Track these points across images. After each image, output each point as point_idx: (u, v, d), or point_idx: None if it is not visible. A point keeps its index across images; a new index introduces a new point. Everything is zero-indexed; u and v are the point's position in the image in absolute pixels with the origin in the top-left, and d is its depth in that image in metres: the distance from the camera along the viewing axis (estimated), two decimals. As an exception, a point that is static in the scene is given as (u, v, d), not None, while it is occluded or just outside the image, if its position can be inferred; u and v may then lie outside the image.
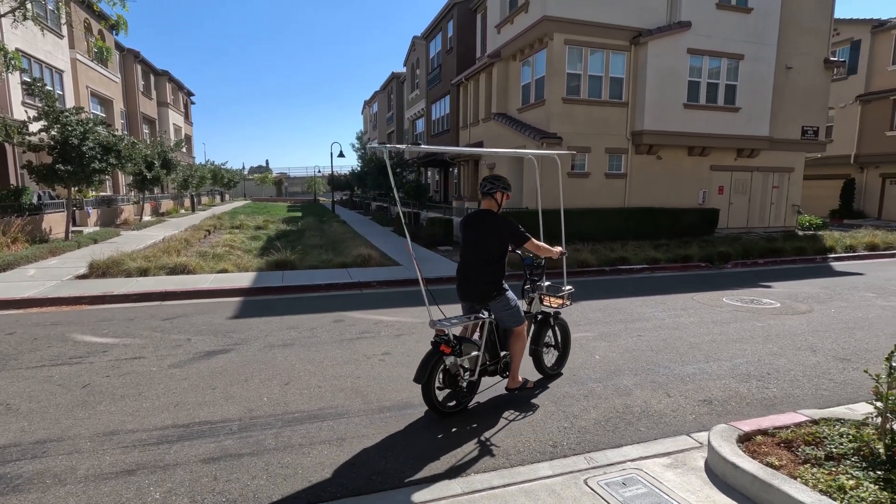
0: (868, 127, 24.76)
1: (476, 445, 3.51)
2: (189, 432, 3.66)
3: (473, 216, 4.10)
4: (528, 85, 16.92)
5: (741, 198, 18.44)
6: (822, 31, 18.20)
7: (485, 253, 3.99)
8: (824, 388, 4.57)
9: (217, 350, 5.57)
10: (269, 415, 3.96)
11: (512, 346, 4.17)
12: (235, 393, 4.38)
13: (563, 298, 4.64)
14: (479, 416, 3.98)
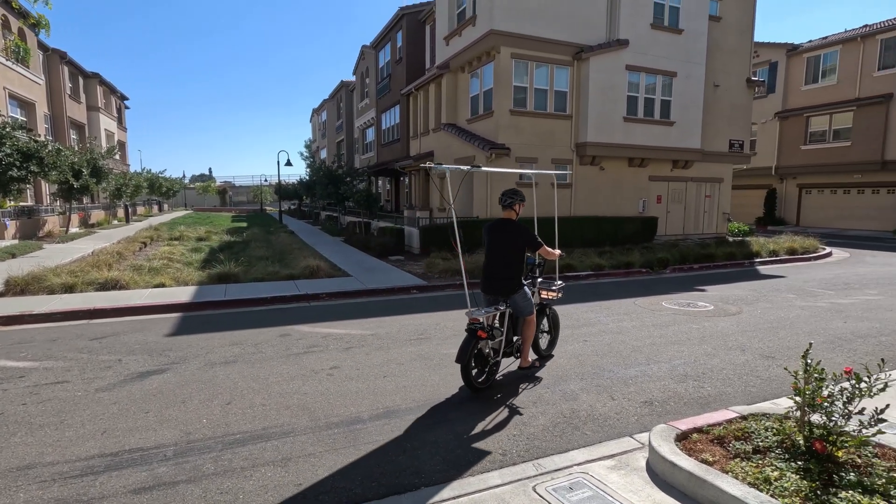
0: (786, 141, 26.97)
1: (428, 458, 3.48)
2: (118, 461, 3.40)
3: (498, 223, 4.91)
4: (476, 96, 17.23)
5: (677, 206, 19.53)
6: (743, 52, 19.73)
7: (508, 254, 4.80)
8: (752, 385, 4.88)
9: (152, 370, 5.23)
10: (208, 437, 3.75)
11: (524, 331, 5.03)
12: (171, 416, 4.13)
13: (556, 291, 5.57)
14: (431, 429, 3.96)
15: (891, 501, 2.51)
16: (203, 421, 4.04)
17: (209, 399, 4.48)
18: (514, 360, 5.29)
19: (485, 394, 4.64)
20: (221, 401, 4.44)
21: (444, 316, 7.80)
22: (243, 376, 5.07)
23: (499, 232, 4.84)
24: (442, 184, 19.50)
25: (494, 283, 4.88)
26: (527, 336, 5.03)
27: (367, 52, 28.53)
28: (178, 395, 4.56)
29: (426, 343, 6.27)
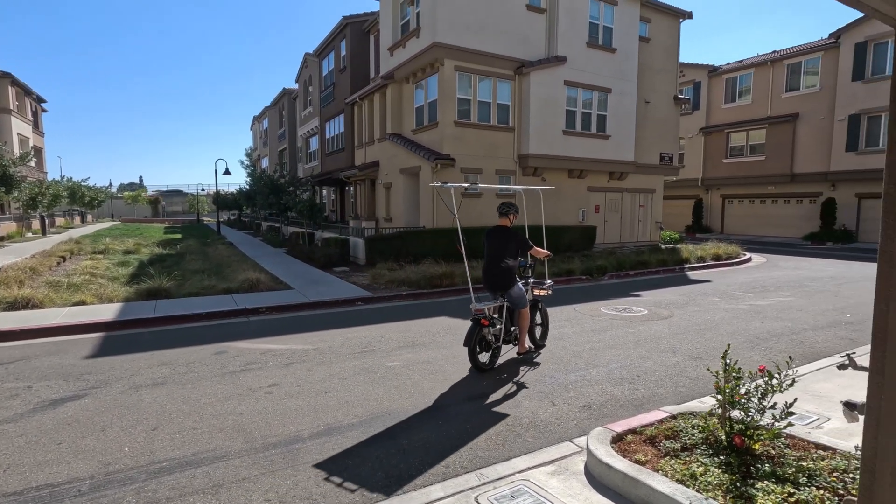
0: (710, 154, 29.06)
1: (370, 474, 3.40)
2: (23, 500, 3.08)
3: (495, 229, 5.87)
4: (421, 107, 17.33)
5: (614, 216, 20.48)
6: (670, 72, 21.13)
7: (504, 254, 5.69)
8: (682, 385, 5.16)
9: (67, 397, 4.80)
10: (130, 467, 3.48)
11: (520, 322, 5.88)
12: (88, 446, 3.79)
13: (547, 289, 6.44)
14: (373, 443, 3.87)
15: (799, 488, 2.71)
16: (125, 449, 3.74)
17: (132, 425, 4.16)
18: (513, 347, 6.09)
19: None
20: (146, 426, 4.14)
21: (389, 328, 7.71)
22: (172, 398, 4.76)
23: (496, 236, 5.81)
24: (388, 194, 19.40)
25: (493, 279, 5.77)
26: (522, 326, 5.90)
27: (311, 59, 28.05)
28: (97, 423, 4.20)
29: (370, 356, 6.16)
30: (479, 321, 5.39)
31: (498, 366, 5.78)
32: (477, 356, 5.47)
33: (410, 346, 6.59)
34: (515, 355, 6.09)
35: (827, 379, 5.15)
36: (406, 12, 17.70)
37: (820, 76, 24.27)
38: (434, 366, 5.77)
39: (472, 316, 5.47)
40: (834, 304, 9.40)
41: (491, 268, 5.78)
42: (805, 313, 8.64)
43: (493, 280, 5.79)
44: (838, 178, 23.51)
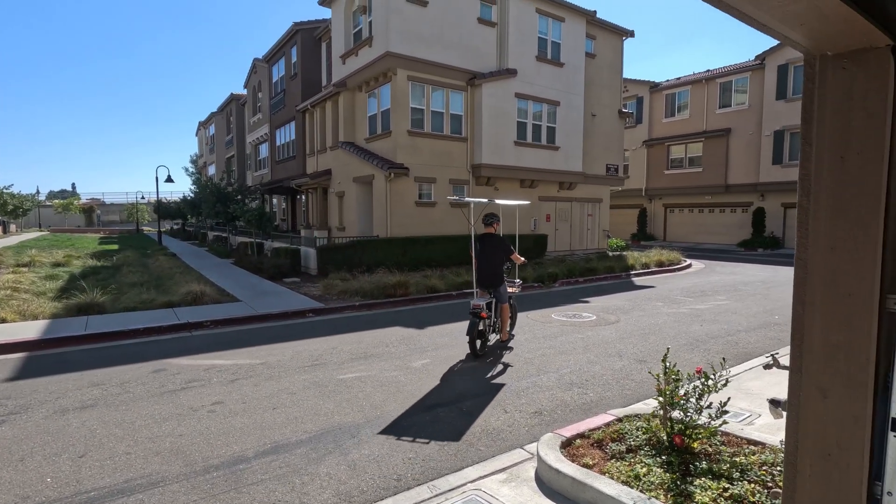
0: (652, 166, 30.55)
1: (318, 493, 3.29)
2: (-77, 543, 2.77)
3: (485, 236, 6.85)
4: (374, 116, 17.25)
5: (564, 224, 21.10)
6: (615, 87, 22.12)
7: (493, 259, 6.74)
8: (628, 388, 5.34)
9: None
10: (52, 500, 3.21)
11: (503, 314, 6.91)
12: (3, 479, 3.46)
13: (516, 287, 7.57)
14: (322, 460, 3.76)
15: (733, 483, 2.86)
16: (47, 480, 3.45)
17: (57, 453, 3.84)
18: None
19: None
20: (73, 453, 3.83)
21: (341, 339, 7.56)
22: (103, 422, 4.44)
23: (488, 243, 6.80)
24: (340, 203, 19.12)
25: (486, 279, 6.77)
26: (504, 318, 6.95)
27: (260, 65, 27.34)
28: (15, 453, 3.85)
29: (321, 369, 6.01)
30: (478, 315, 6.32)
31: (451, 376, 5.77)
32: (476, 345, 6.40)
33: (363, 358, 6.48)
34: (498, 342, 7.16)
35: (758, 377, 5.49)
36: (358, 21, 17.63)
37: (748, 94, 26.12)
38: (387, 377, 5.69)
39: (470, 311, 6.34)
40: (764, 307, 10.06)
41: (484, 269, 6.79)
42: (739, 316, 9.19)
43: (485, 279, 6.82)
44: (767, 189, 25.31)
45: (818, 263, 1.89)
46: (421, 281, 12.01)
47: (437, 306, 10.49)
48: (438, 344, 7.21)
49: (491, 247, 6.77)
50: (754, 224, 25.83)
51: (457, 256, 16.14)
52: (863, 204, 1.76)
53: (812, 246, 1.90)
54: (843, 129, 1.80)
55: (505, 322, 6.97)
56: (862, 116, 1.76)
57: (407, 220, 16.18)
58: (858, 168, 1.77)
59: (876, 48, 1.71)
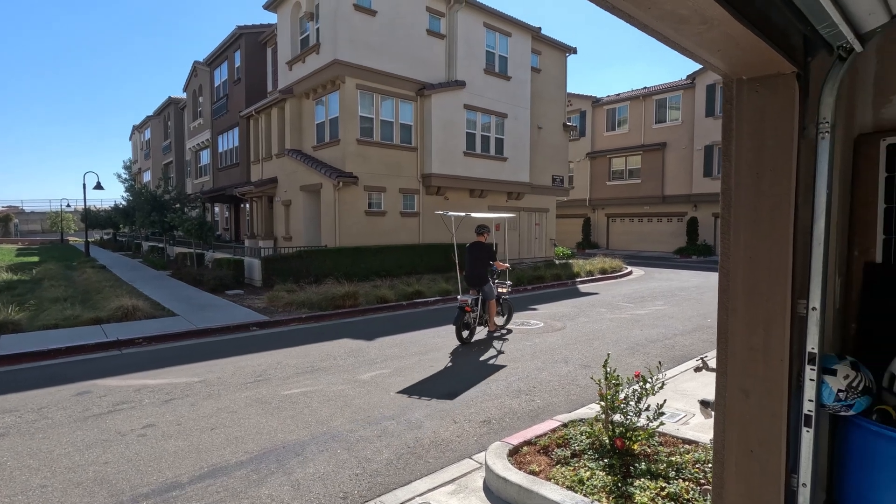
0: (595, 177, 31.86)
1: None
2: None
3: (474, 244, 8.19)
4: (322, 124, 16.97)
5: (513, 233, 21.53)
6: (559, 101, 22.95)
7: (481, 263, 8.05)
8: (573, 394, 5.49)
9: None
10: (-48, 543, 2.87)
11: (489, 310, 8.18)
12: None
13: (507, 288, 8.87)
14: (264, 481, 3.60)
15: (669, 482, 2.99)
16: (-54, 522, 3.09)
17: (-41, 490, 3.46)
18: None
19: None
20: (-21, 490, 3.46)
21: (287, 353, 7.30)
22: (16, 453, 4.04)
23: (476, 249, 8.15)
24: (287, 212, 18.59)
25: (473, 279, 8.04)
26: (490, 312, 8.23)
27: (201, 68, 26.26)
28: None
29: (265, 385, 5.77)
30: (463, 308, 7.56)
31: (401, 388, 5.71)
32: (462, 333, 7.64)
33: (309, 372, 6.29)
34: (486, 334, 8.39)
35: (693, 378, 5.79)
36: (305, 27, 17.34)
37: (681, 111, 27.86)
38: (334, 391, 5.55)
39: (458, 305, 7.69)
40: (698, 311, 10.68)
41: (472, 270, 8.08)
42: (675, 320, 9.69)
43: (472, 280, 8.05)
44: (699, 200, 27.00)
45: (739, 272, 2.02)
46: (371, 291, 11.85)
47: (388, 317, 10.38)
48: (388, 355, 7.12)
49: (479, 253, 8.11)
50: (688, 233, 27.44)
51: (407, 266, 16.07)
52: (776, 218, 1.90)
53: (733, 256, 2.04)
54: (759, 148, 1.95)
55: (491, 315, 8.25)
56: (774, 136, 1.91)
57: (356, 229, 15.96)
58: (772, 184, 1.91)
59: (783, 74, 1.87)
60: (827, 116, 1.85)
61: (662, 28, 1.52)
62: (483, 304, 8.12)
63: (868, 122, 2.19)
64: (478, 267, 8.03)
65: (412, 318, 10.22)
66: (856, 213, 2.19)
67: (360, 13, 15.63)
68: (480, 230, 8.35)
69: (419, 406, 5.10)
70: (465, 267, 8.17)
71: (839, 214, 2.16)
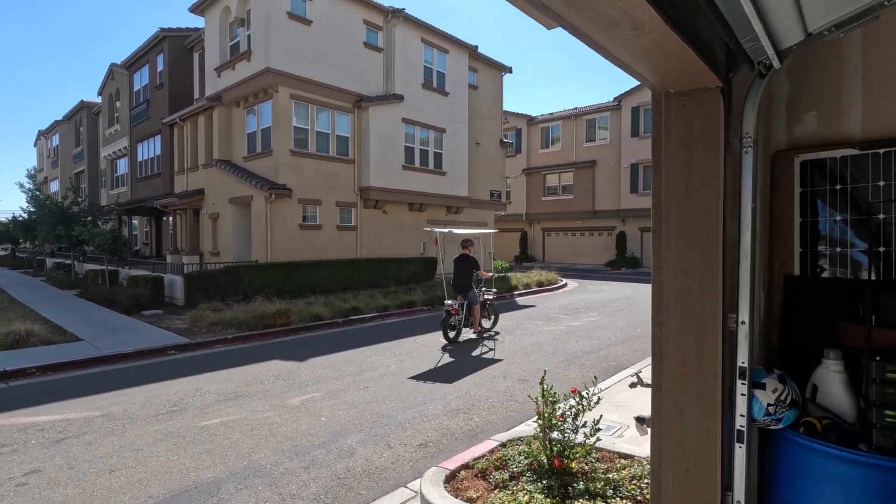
0: (531, 193, 32.83)
1: (159, 575, 2.73)
2: None
3: (461, 257, 9.19)
4: (254, 134, 16.23)
5: (452, 247, 21.56)
6: (496, 118, 23.49)
7: (466, 272, 9.03)
8: (512, 410, 5.41)
9: None
10: None
11: (474, 313, 9.13)
12: None
13: (491, 295, 9.90)
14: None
15: (608, 501, 2.93)
16: None
17: None
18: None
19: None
20: None
21: (208, 378, 6.71)
22: None
23: (462, 261, 9.18)
24: (214, 226, 17.52)
25: (459, 287, 9.08)
26: (475, 316, 9.22)
27: (119, 71, 24.44)
28: None
29: (179, 416, 5.22)
30: (448, 312, 8.64)
31: (334, 412, 5.38)
32: (448, 333, 8.72)
33: (232, 399, 5.78)
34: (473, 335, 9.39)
35: (626, 390, 5.90)
36: (236, 33, 16.62)
37: (609, 131, 29.46)
38: (259, 419, 5.12)
39: (444, 309, 8.74)
40: (629, 321, 11.09)
41: (458, 279, 9.14)
42: (608, 331, 9.99)
43: (458, 287, 9.12)
44: (627, 215, 28.51)
45: (671, 286, 1.99)
46: (304, 309, 11.31)
47: (322, 335, 9.91)
48: (321, 377, 6.73)
49: (465, 264, 9.18)
50: (618, 246, 28.84)
51: (344, 281, 15.58)
52: (706, 231, 1.89)
53: (665, 269, 2.01)
54: (687, 161, 1.94)
55: (476, 318, 9.25)
56: (701, 150, 1.90)
57: (290, 243, 15.30)
58: (701, 197, 1.90)
59: (709, 89, 1.87)
60: (749, 131, 1.87)
61: (594, 32, 1.44)
62: (468, 308, 9.17)
63: (783, 139, 2.27)
64: (463, 276, 9.07)
65: (348, 336, 9.83)
66: (775, 226, 2.25)
67: (294, 21, 15.20)
68: (465, 244, 9.43)
69: (351, 431, 4.80)
70: (453, 276, 9.26)
71: (762, 228, 2.21)
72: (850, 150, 2.09)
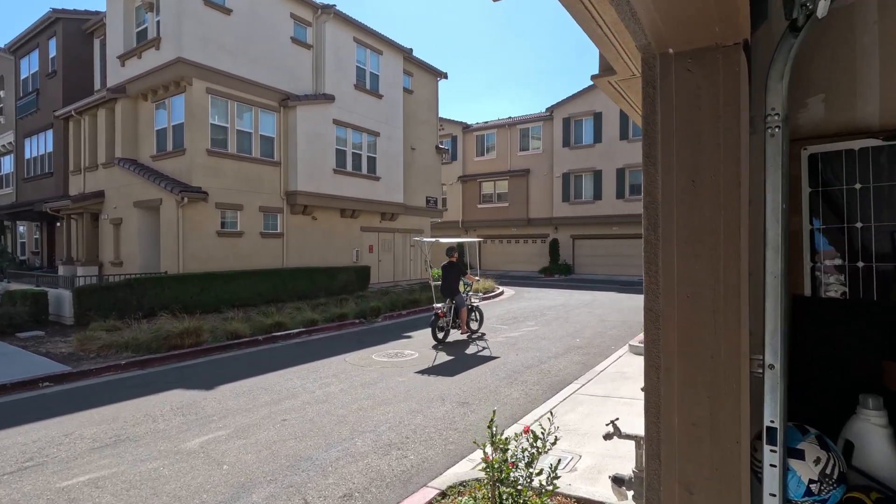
0: (467, 200, 32.74)
1: None
2: None
3: (448, 264, 9.95)
4: (164, 130, 14.61)
5: (388, 255, 20.80)
6: (432, 124, 23.08)
7: (453, 278, 9.79)
8: (452, 441, 4.80)
9: None
10: None
11: (461, 315, 9.79)
12: None
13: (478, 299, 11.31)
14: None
15: (573, 573, 2.39)
16: None
17: None
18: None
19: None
20: None
21: (85, 418, 5.53)
22: None
23: (449, 268, 9.85)
24: (117, 233, 15.57)
25: (447, 291, 9.71)
26: (462, 318, 9.78)
27: (2, 56, 21.41)
28: None
29: (33, 475, 4.11)
30: (437, 314, 9.34)
31: (240, 454, 4.49)
32: (437, 334, 9.36)
33: (111, 445, 4.71)
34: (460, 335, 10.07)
35: (573, 409, 5.50)
36: (143, 18, 14.95)
37: (542, 141, 30.03)
38: (141, 473, 4.13)
39: (433, 312, 9.49)
40: (567, 331, 10.91)
41: (446, 284, 9.79)
42: (548, 341, 9.70)
43: (447, 292, 9.78)
44: (559, 223, 29.10)
45: (672, 316, 1.46)
46: (219, 325, 10.09)
47: (239, 356, 8.81)
48: (230, 409, 5.77)
49: (451, 271, 9.90)
50: (551, 253, 29.35)
51: (269, 293, 14.34)
52: (723, 240, 1.38)
53: (665, 293, 1.47)
54: (694, 146, 1.43)
55: (463, 320, 9.86)
56: (713, 130, 1.40)
57: (206, 252, 13.84)
58: (714, 195, 1.40)
59: (724, 47, 1.38)
60: (776, 106, 1.39)
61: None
62: (456, 310, 9.76)
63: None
64: (450, 281, 9.76)
65: (269, 356, 8.80)
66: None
67: (211, 10, 13.88)
68: (450, 252, 10.06)
69: (260, 482, 3.96)
70: (441, 281, 9.93)
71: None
72: (872, 140, 1.68)
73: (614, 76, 4.41)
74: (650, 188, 1.53)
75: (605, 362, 7.75)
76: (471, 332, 10.24)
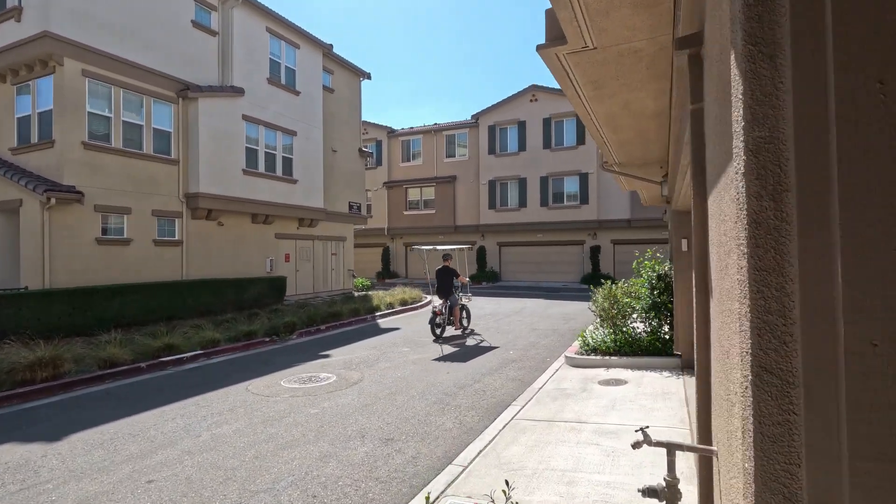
0: (393, 206, 31.73)
1: None
2: None
3: (442, 268, 11.23)
4: (27, 118, 12.26)
5: (306, 264, 19.24)
6: (355, 126, 21.92)
7: (447, 280, 11.12)
8: (373, 496, 3.84)
9: None
10: None
11: (455, 313, 11.18)
12: None
13: (469, 297, 13.32)
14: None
15: None
16: None
17: None
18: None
19: None
20: None
21: None
22: None
23: (444, 272, 11.14)
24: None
25: (442, 292, 11.04)
26: (456, 315, 11.14)
27: None
28: None
29: None
30: (434, 313, 10.55)
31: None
32: (435, 330, 10.56)
33: None
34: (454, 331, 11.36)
35: (514, 439, 4.76)
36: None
37: (468, 148, 29.83)
38: None
39: (431, 310, 10.72)
40: (499, 341, 10.30)
41: (440, 286, 11.01)
42: (482, 355, 9.00)
43: (442, 293, 10.97)
44: (486, 230, 28.97)
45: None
46: (90, 352, 8.32)
47: (111, 390, 7.19)
48: (76, 470, 4.37)
49: (446, 273, 11.02)
50: (478, 260, 29.11)
51: (165, 310, 12.43)
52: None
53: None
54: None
55: (456, 317, 11.07)
56: None
57: (82, 263, 11.71)
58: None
59: None
60: None
61: None
62: (450, 309, 10.92)
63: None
64: (445, 283, 10.98)
65: (150, 388, 7.27)
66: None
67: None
68: (445, 257, 11.45)
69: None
70: (436, 283, 11.09)
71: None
72: None
73: (563, 47, 3.71)
74: (762, 118, 0.74)
75: (543, 377, 7.16)
76: (463, 328, 11.46)
